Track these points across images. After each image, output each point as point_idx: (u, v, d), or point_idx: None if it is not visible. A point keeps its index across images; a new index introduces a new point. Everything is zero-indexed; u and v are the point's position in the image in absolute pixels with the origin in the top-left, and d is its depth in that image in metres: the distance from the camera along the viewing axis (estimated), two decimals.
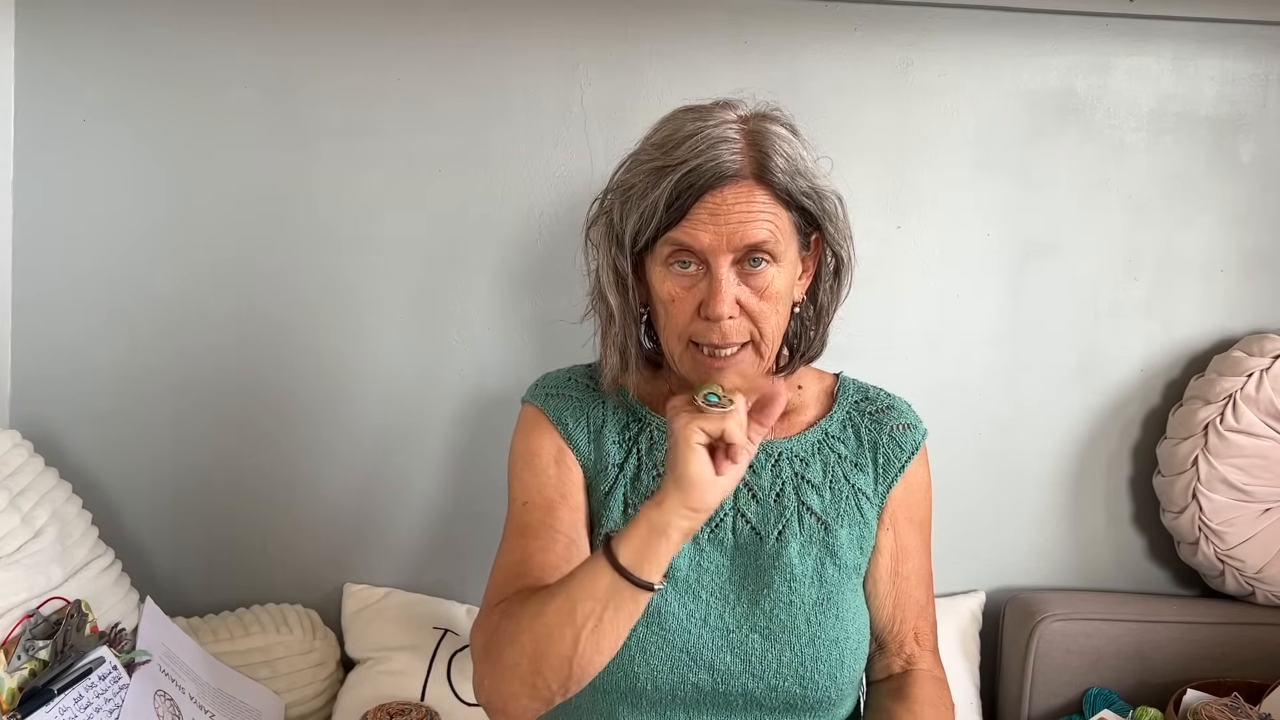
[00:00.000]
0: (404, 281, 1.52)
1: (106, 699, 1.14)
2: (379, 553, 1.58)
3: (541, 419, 1.12)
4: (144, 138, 1.48)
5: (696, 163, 0.98)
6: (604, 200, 1.07)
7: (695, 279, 1.00)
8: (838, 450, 1.12)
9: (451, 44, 1.48)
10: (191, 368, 1.52)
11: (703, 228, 0.98)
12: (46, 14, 1.46)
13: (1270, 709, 1.38)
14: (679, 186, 0.98)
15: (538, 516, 1.06)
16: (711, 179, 0.98)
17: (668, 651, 1.04)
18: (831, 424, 1.14)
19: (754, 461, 1.09)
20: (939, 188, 1.54)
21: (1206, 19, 1.51)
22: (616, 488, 1.08)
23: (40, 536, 1.25)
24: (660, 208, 0.98)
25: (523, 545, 1.04)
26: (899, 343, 1.57)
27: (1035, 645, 1.50)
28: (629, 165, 1.04)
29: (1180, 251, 1.57)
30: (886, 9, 1.50)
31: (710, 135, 0.99)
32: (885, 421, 1.14)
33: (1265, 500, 1.50)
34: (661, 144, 1.01)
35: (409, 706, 1.36)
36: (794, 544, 1.07)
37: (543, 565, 1.01)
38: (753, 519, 1.08)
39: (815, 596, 1.06)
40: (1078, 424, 1.60)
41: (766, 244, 1.00)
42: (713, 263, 0.99)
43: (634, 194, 1.01)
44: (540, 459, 1.10)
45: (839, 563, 1.08)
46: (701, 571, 1.06)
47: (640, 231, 1.00)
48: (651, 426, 1.11)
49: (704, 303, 0.99)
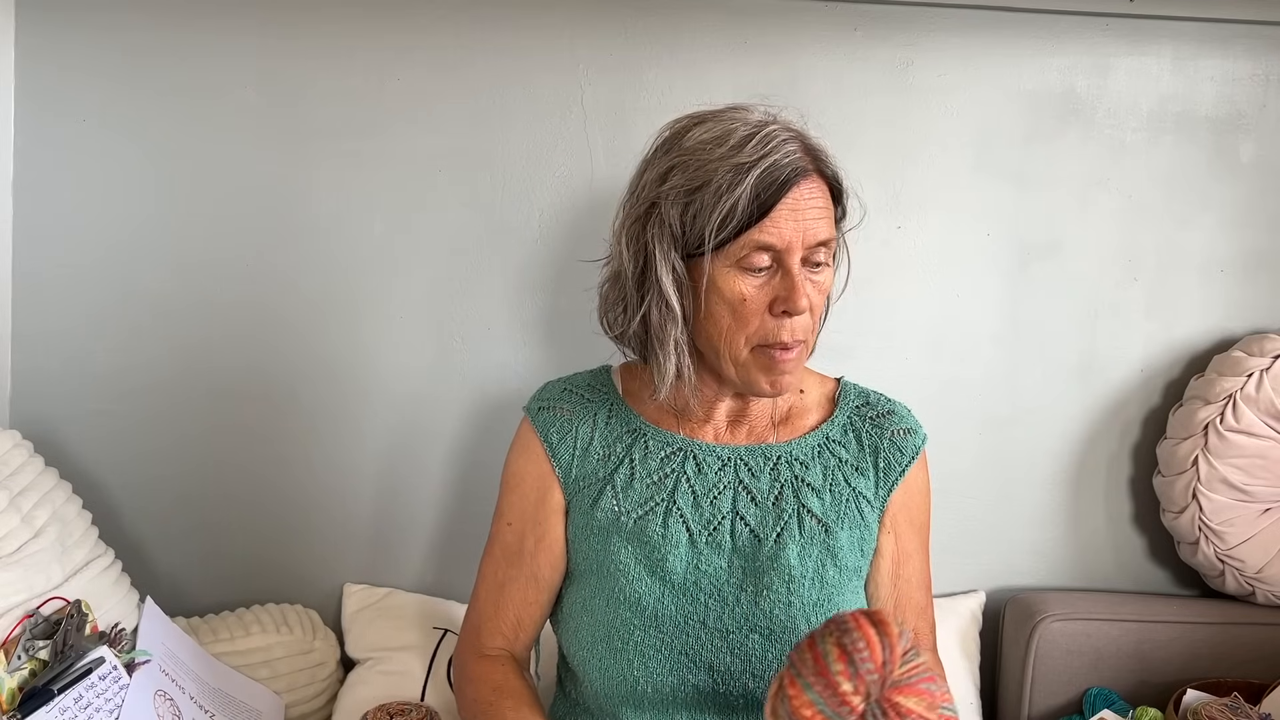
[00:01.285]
0: (404, 282, 1.52)
1: (106, 699, 1.14)
2: (379, 553, 1.58)
3: (532, 438, 1.15)
4: (144, 138, 1.48)
5: (775, 158, 0.97)
6: (653, 204, 1.03)
7: (766, 279, 1.00)
8: (838, 454, 1.13)
9: (451, 44, 1.48)
10: (192, 368, 1.52)
11: (785, 224, 0.98)
12: (46, 14, 1.46)
13: (1270, 709, 1.38)
14: (762, 183, 0.97)
15: (515, 542, 1.15)
16: (792, 174, 0.98)
17: (667, 654, 1.04)
18: (833, 428, 1.15)
19: (752, 464, 1.11)
20: (939, 188, 1.54)
21: (1206, 19, 1.51)
22: (603, 499, 1.11)
23: (40, 536, 1.25)
24: (744, 205, 0.97)
25: (503, 570, 1.15)
26: (899, 343, 1.57)
27: (1035, 645, 1.50)
28: (687, 166, 1.00)
29: (1180, 251, 1.57)
30: (886, 9, 1.50)
31: (771, 132, 0.99)
32: (886, 426, 1.15)
33: (1265, 500, 1.50)
34: (720, 140, 0.99)
35: (409, 706, 1.36)
36: (793, 546, 1.07)
37: (508, 603, 1.14)
38: (751, 521, 1.09)
39: (815, 598, 1.07)
40: (1078, 424, 1.60)
41: (830, 241, 1.03)
42: (788, 259, 1.00)
43: (706, 193, 0.98)
44: (525, 485, 1.15)
45: (840, 564, 1.09)
46: (700, 574, 1.07)
47: (719, 231, 0.98)
48: (646, 437, 1.12)
49: (779, 299, 1.00)
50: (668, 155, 1.03)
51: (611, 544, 1.09)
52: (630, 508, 1.09)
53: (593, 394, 1.16)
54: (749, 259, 0.99)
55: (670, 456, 1.11)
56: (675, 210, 1.00)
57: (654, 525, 1.08)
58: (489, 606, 1.16)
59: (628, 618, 1.06)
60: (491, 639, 1.15)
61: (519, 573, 1.14)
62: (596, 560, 1.10)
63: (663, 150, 1.05)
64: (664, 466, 1.10)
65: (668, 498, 1.09)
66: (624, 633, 1.05)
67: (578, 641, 1.10)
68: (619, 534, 1.09)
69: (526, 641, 1.17)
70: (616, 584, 1.07)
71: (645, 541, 1.08)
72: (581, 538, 1.12)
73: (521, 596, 1.14)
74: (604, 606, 1.08)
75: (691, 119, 1.05)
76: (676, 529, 1.08)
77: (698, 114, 1.05)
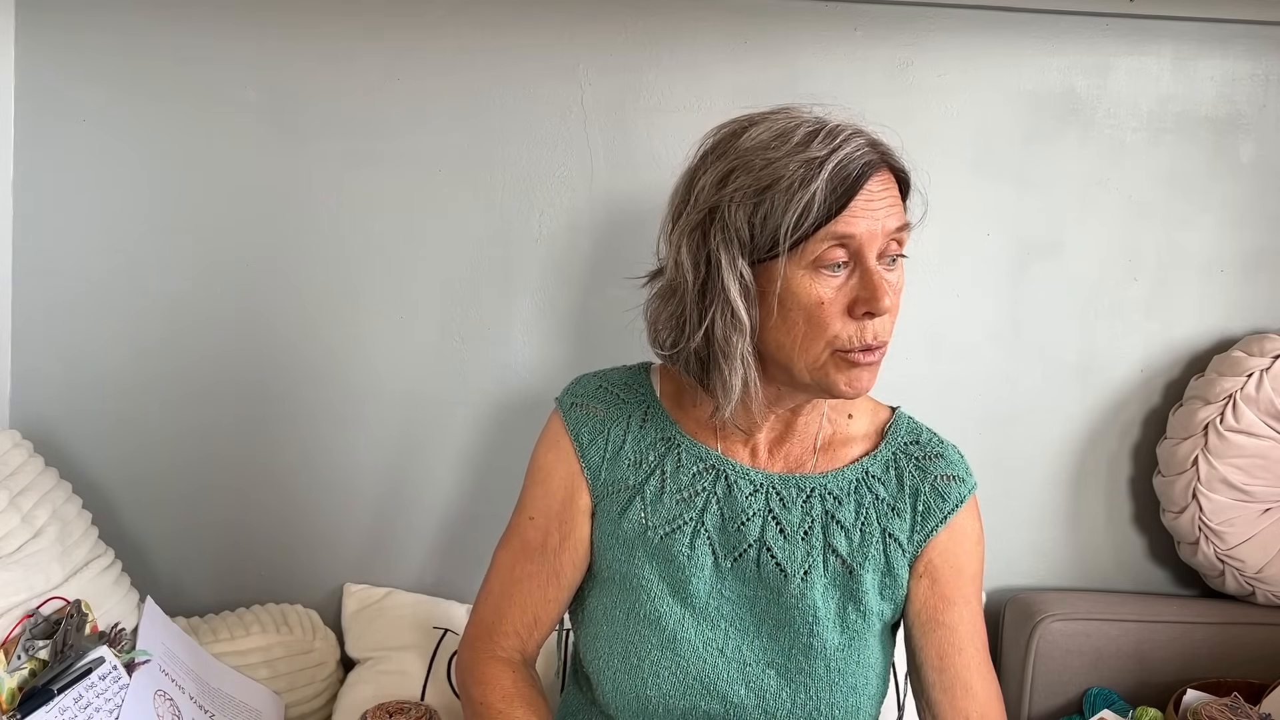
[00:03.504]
0: (404, 282, 1.52)
1: (106, 699, 1.14)
2: (379, 553, 1.58)
3: (562, 433, 1.11)
4: (144, 138, 1.48)
5: (847, 150, 0.94)
6: (713, 209, 0.97)
7: (843, 279, 0.96)
8: (876, 491, 1.07)
9: (451, 45, 1.48)
10: (192, 368, 1.52)
11: (862, 216, 0.94)
12: (46, 14, 1.46)
13: (1270, 709, 1.38)
14: (838, 175, 0.93)
15: (537, 538, 1.10)
16: (866, 166, 0.94)
17: (681, 677, 1.02)
18: (874, 463, 1.09)
19: (785, 495, 1.06)
20: (939, 188, 1.53)
21: (1206, 19, 1.51)
22: (631, 509, 1.07)
23: (40, 536, 1.25)
24: (822, 198, 0.92)
25: (522, 565, 1.11)
26: (899, 343, 1.54)
27: (1035, 645, 1.50)
28: (750, 166, 0.95)
29: (1180, 251, 1.57)
30: (886, 9, 1.50)
31: (836, 127, 0.96)
32: (931, 470, 1.09)
33: (1265, 500, 1.50)
34: (782, 137, 0.95)
35: (409, 706, 1.36)
36: (819, 585, 1.03)
37: (526, 599, 1.10)
38: (778, 554, 1.04)
39: (837, 642, 1.03)
40: (1078, 424, 1.60)
41: (906, 227, 0.99)
42: (866, 255, 0.95)
43: (777, 191, 0.93)
44: (552, 481, 1.11)
45: (863, 609, 1.05)
46: (722, 600, 1.04)
47: (795, 228, 0.93)
48: (680, 449, 1.08)
49: (859, 300, 0.95)
50: (723, 159, 0.97)
51: (636, 557, 1.06)
52: (658, 522, 1.05)
53: (629, 394, 1.12)
54: (826, 255, 0.94)
55: (702, 474, 1.07)
56: (742, 213, 0.95)
57: (680, 544, 1.04)
58: (504, 601, 1.10)
59: (646, 635, 1.04)
60: (505, 637, 1.10)
61: (539, 569, 1.09)
62: (620, 570, 1.07)
63: (715, 155, 0.99)
64: (695, 483, 1.06)
65: (697, 517, 1.05)
66: (641, 650, 1.03)
67: (595, 649, 1.08)
68: (644, 548, 1.06)
69: (539, 640, 1.13)
70: (638, 599, 1.05)
71: (670, 560, 1.04)
72: (607, 544, 1.08)
73: (541, 594, 1.10)
74: (624, 619, 1.06)
75: (740, 122, 1.00)
76: (703, 551, 1.04)
77: (746, 117, 1.00)
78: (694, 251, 0.98)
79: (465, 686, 1.11)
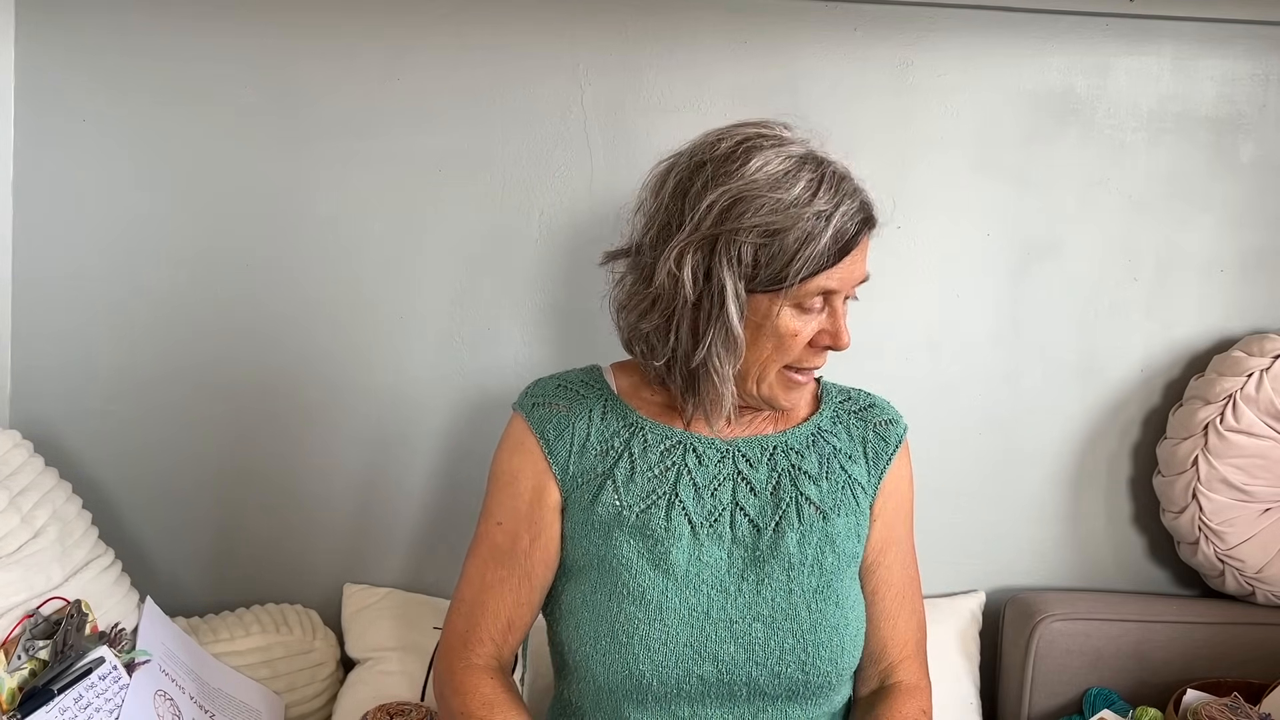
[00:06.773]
0: (404, 281, 1.52)
1: (106, 699, 1.14)
2: (379, 553, 1.58)
3: (527, 435, 1.15)
4: (144, 138, 1.48)
5: (846, 207, 1.03)
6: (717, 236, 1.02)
7: (815, 315, 1.06)
8: (831, 443, 1.17)
9: (451, 45, 1.48)
10: (192, 368, 1.52)
11: (846, 271, 1.05)
12: (46, 15, 1.46)
13: (1270, 709, 1.38)
14: (839, 234, 1.02)
15: (507, 543, 1.14)
16: (862, 223, 1.05)
17: (671, 646, 1.06)
18: (823, 420, 1.18)
19: (750, 455, 1.14)
20: (939, 188, 1.54)
21: (1206, 19, 1.51)
22: (604, 494, 1.11)
23: (40, 536, 1.25)
24: (825, 252, 1.02)
25: (490, 571, 1.14)
26: (899, 343, 1.57)
27: (1035, 645, 1.50)
28: (760, 206, 1.01)
29: (1180, 251, 1.57)
30: (886, 9, 1.50)
31: (837, 172, 1.05)
32: (869, 418, 1.21)
33: (1265, 500, 1.50)
34: (784, 179, 1.02)
35: (409, 706, 1.36)
36: (791, 534, 1.10)
37: (499, 605, 1.13)
38: (751, 512, 1.11)
39: (815, 584, 1.10)
40: (1078, 424, 1.60)
41: (866, 279, 1.09)
42: (837, 300, 1.06)
43: (788, 237, 1.01)
44: (519, 484, 1.14)
45: (838, 551, 1.12)
46: (701, 566, 1.09)
47: (798, 273, 1.02)
48: (644, 430, 1.14)
49: (825, 333, 1.07)
50: (723, 183, 1.02)
51: (613, 539, 1.09)
52: (632, 502, 1.10)
53: (586, 390, 1.17)
54: (810, 300, 1.05)
55: (670, 450, 1.13)
56: (749, 248, 1.02)
57: (657, 518, 1.09)
58: (477, 608, 1.14)
59: (631, 611, 1.07)
60: (480, 645, 1.13)
61: (510, 573, 1.13)
62: (597, 555, 1.11)
63: (714, 176, 1.03)
64: (664, 460, 1.12)
65: (670, 491, 1.11)
66: (628, 627, 1.06)
67: (579, 638, 1.10)
68: (621, 528, 1.09)
69: (514, 644, 1.16)
70: (619, 578, 1.08)
71: (649, 535, 1.09)
72: (580, 534, 1.12)
73: (513, 598, 1.13)
74: (606, 601, 1.08)
75: (733, 137, 1.05)
76: (679, 522, 1.09)
77: (739, 134, 1.05)
78: (697, 270, 1.03)
79: (444, 697, 1.14)
